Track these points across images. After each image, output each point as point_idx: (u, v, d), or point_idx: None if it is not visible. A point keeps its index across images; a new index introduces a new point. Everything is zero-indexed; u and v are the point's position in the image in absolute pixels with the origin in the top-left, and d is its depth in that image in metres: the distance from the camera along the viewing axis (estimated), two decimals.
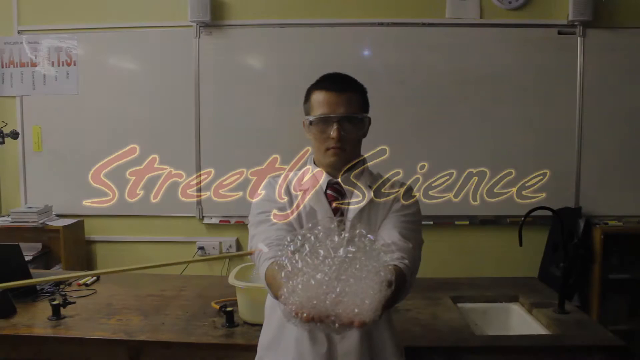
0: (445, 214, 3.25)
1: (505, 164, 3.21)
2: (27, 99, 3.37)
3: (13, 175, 3.44)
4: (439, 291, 2.18)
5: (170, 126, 3.30)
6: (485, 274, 3.00)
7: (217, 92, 3.27)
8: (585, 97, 3.19)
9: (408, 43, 3.20)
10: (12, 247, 2.06)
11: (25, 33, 3.34)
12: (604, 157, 3.23)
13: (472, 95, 3.21)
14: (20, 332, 1.75)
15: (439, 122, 3.23)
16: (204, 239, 3.36)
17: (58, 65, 3.33)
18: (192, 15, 3.15)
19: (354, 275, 0.85)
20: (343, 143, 1.30)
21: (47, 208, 3.28)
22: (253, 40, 3.26)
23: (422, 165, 3.50)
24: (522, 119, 3.22)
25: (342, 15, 3.22)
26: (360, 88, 1.36)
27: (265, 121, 3.26)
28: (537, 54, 3.17)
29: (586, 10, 3.07)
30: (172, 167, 3.67)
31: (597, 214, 3.24)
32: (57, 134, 3.37)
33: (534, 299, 2.07)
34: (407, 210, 1.34)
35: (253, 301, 1.77)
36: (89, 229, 3.40)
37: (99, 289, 2.22)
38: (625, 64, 3.17)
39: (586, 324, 1.83)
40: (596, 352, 1.66)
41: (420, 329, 1.78)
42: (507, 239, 3.23)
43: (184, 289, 2.23)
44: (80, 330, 1.76)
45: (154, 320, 1.85)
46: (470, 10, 3.19)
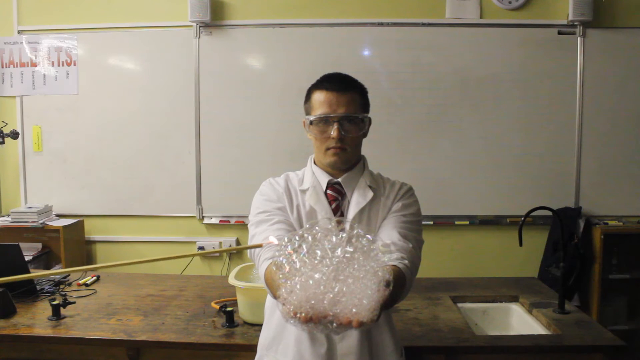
0: (445, 214, 3.25)
1: (505, 164, 3.25)
2: (27, 99, 3.37)
3: (13, 175, 3.44)
4: (439, 291, 2.19)
5: (170, 126, 3.30)
6: (485, 274, 3.00)
7: (217, 92, 3.27)
8: (585, 97, 3.19)
9: (408, 43, 3.20)
10: (12, 247, 2.06)
11: (25, 33, 3.34)
12: (604, 157, 3.23)
13: (472, 95, 3.21)
14: (20, 332, 1.75)
15: (439, 122, 3.23)
16: (204, 238, 3.36)
17: (58, 65, 3.33)
18: (192, 15, 3.15)
19: (352, 275, 0.85)
20: (343, 143, 1.30)
21: (47, 208, 3.28)
22: (253, 40, 3.26)
23: (422, 165, 3.53)
24: (522, 118, 3.22)
25: (342, 15, 3.22)
26: (360, 88, 1.36)
27: (265, 121, 3.26)
28: (537, 54, 3.18)
29: (586, 10, 3.07)
30: (172, 167, 3.71)
31: (597, 214, 3.24)
32: (57, 134, 3.37)
33: (534, 299, 2.08)
34: (406, 211, 1.34)
35: (253, 301, 1.77)
36: (89, 229, 3.40)
37: (99, 289, 2.22)
38: (625, 64, 3.17)
39: (586, 324, 1.83)
40: (596, 352, 1.66)
41: (420, 329, 1.78)
42: (507, 239, 3.23)
43: (184, 289, 2.23)
44: (80, 330, 1.76)
45: (154, 320, 1.85)
46: (470, 10, 3.19)
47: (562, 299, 1.95)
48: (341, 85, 1.31)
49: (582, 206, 3.22)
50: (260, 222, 1.30)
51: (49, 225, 3.17)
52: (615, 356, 1.64)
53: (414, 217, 1.35)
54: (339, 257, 0.86)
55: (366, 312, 0.84)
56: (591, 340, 1.70)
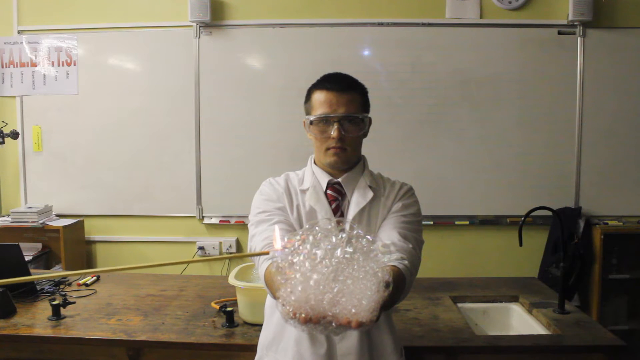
0: (445, 214, 3.25)
1: (505, 164, 3.25)
2: (27, 99, 3.37)
3: (13, 175, 3.44)
4: (439, 291, 2.18)
5: (171, 126, 3.30)
6: (485, 274, 3.01)
7: (217, 92, 3.27)
8: (585, 97, 3.19)
9: (408, 43, 3.21)
10: (12, 247, 2.06)
11: (25, 33, 3.34)
12: (604, 157, 3.23)
13: (472, 95, 3.21)
14: (20, 332, 1.75)
15: (439, 122, 3.23)
16: (204, 239, 3.36)
17: (58, 65, 3.33)
18: (192, 15, 3.15)
19: (351, 276, 0.85)
20: (343, 143, 1.30)
21: (47, 208, 3.28)
22: (253, 40, 3.26)
23: (422, 165, 3.53)
24: (522, 118, 3.22)
25: (342, 15, 3.22)
26: (361, 88, 1.35)
27: (265, 121, 3.26)
28: (537, 54, 3.18)
29: (586, 10, 3.08)
30: (172, 167, 3.71)
31: (597, 214, 3.24)
32: (57, 134, 3.37)
33: (534, 299, 2.07)
34: (407, 211, 1.34)
35: (253, 301, 1.77)
36: (89, 229, 3.40)
37: (99, 289, 2.22)
38: (625, 64, 3.17)
39: (586, 324, 1.83)
40: (596, 352, 1.66)
41: (420, 329, 1.78)
42: (507, 239, 3.24)
43: (184, 289, 2.23)
44: (80, 330, 1.76)
45: (154, 320, 1.85)
46: (470, 10, 3.19)
47: (562, 299, 1.95)
48: (341, 85, 1.31)
49: (582, 206, 3.22)
50: (260, 222, 1.30)
51: (49, 225, 3.17)
52: (615, 356, 1.64)
53: (414, 217, 1.35)
54: (338, 257, 0.86)
55: (365, 313, 0.84)
56: (591, 340, 1.70)
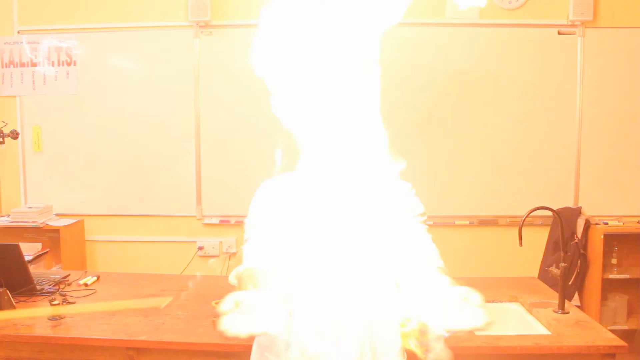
0: (445, 214, 3.25)
1: (505, 163, 3.24)
2: (27, 99, 3.37)
3: (13, 175, 3.44)
4: None
5: (170, 126, 3.30)
6: (485, 274, 3.00)
7: (217, 92, 3.26)
8: (585, 97, 3.19)
9: (408, 43, 3.20)
10: (12, 247, 2.05)
11: (25, 33, 3.33)
12: (604, 157, 3.23)
13: (472, 95, 3.21)
14: (20, 332, 1.74)
15: (439, 122, 3.22)
16: (204, 238, 3.36)
17: (58, 65, 3.33)
18: (192, 15, 3.15)
19: None
20: None
21: (47, 208, 3.27)
22: (253, 40, 3.25)
23: (422, 165, 3.51)
24: (522, 118, 3.21)
25: None
26: None
27: (265, 121, 3.25)
28: (537, 54, 3.17)
29: (586, 10, 3.08)
30: (172, 167, 3.69)
31: (597, 214, 3.24)
32: (57, 134, 3.37)
33: (534, 299, 2.07)
34: (414, 211, 1.36)
35: None
36: (89, 229, 3.40)
37: (99, 289, 2.22)
38: (625, 64, 3.17)
39: (586, 324, 1.83)
40: (596, 352, 1.66)
41: None
42: (507, 239, 3.23)
43: (184, 289, 2.23)
44: (80, 330, 1.76)
45: (154, 320, 1.85)
46: (470, 10, 3.19)
47: (562, 299, 1.95)
48: None
49: (582, 206, 3.22)
50: (254, 227, 1.32)
51: (49, 225, 3.16)
52: (615, 356, 1.64)
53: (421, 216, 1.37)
54: None
55: None
56: (591, 340, 1.70)
